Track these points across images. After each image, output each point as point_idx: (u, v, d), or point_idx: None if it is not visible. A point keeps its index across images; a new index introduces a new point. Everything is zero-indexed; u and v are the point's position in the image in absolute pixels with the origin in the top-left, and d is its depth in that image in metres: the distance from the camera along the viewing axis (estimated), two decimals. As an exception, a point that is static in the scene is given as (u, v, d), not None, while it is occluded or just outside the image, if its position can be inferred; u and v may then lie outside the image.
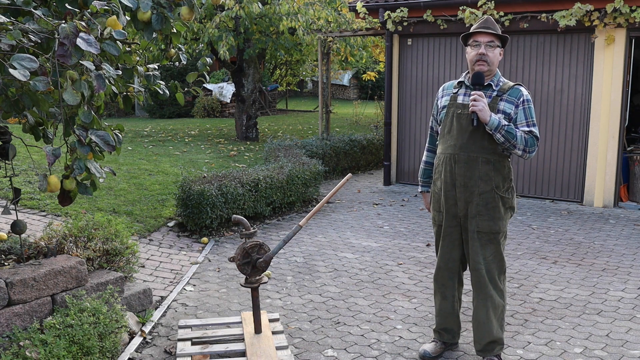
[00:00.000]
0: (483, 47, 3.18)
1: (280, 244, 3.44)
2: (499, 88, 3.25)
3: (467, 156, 3.22)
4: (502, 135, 3.12)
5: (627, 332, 3.87)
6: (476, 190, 3.23)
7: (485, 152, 3.20)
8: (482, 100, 3.10)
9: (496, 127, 3.10)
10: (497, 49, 3.20)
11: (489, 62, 3.19)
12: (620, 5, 6.80)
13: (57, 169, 6.40)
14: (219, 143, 11.66)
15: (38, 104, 2.54)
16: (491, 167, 3.21)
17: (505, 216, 3.29)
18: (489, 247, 3.27)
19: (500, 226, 3.26)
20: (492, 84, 3.25)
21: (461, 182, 3.25)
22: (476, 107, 3.10)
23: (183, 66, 16.31)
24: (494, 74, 3.27)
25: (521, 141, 3.14)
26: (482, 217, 3.23)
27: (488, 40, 3.18)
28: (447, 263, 3.44)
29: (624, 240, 5.98)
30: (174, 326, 3.95)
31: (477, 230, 3.25)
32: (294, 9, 9.71)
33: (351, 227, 6.49)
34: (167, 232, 5.90)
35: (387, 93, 8.88)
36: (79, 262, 3.49)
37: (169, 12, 2.75)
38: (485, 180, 3.21)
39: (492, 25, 3.22)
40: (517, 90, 3.23)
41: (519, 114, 3.20)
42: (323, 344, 3.70)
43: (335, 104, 22.61)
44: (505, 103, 3.21)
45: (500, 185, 3.24)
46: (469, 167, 3.22)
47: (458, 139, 3.25)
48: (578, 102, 7.57)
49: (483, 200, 3.22)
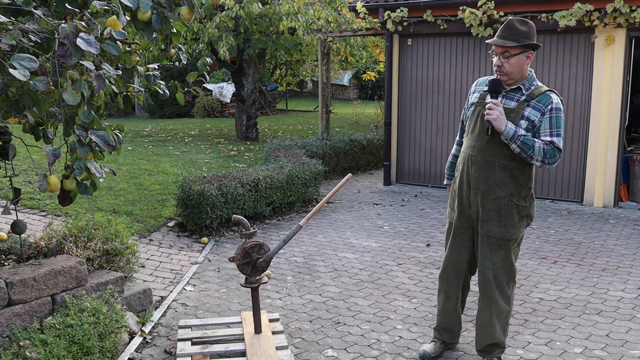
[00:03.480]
0: (496, 58, 3.08)
1: (280, 244, 3.44)
2: (529, 92, 3.10)
3: (484, 160, 3.15)
4: (517, 145, 3.01)
5: (627, 332, 3.87)
6: (490, 195, 3.15)
7: (504, 158, 3.11)
8: (498, 108, 3.00)
9: (512, 137, 3.00)
10: (515, 58, 3.03)
11: (507, 72, 3.07)
12: (620, 5, 6.80)
13: (57, 169, 6.40)
14: (219, 143, 11.66)
15: (38, 104, 2.54)
16: (508, 174, 3.12)
17: (520, 224, 3.19)
18: (499, 253, 3.21)
19: (512, 234, 3.18)
20: (522, 87, 3.12)
21: (475, 185, 3.19)
22: (490, 117, 3.00)
23: (183, 66, 16.33)
24: (525, 78, 3.12)
25: (539, 152, 3.01)
26: (493, 223, 3.17)
27: (502, 50, 3.06)
28: (455, 264, 3.41)
29: (624, 240, 5.98)
30: (174, 326, 3.95)
31: (488, 235, 3.20)
32: (294, 9, 9.70)
33: (351, 227, 6.49)
34: (167, 232, 5.90)
35: (387, 93, 8.88)
36: (79, 262, 3.49)
37: (169, 12, 2.75)
38: (501, 187, 3.13)
39: (510, 34, 3.03)
40: (546, 97, 3.07)
41: (543, 122, 3.06)
42: (323, 344, 3.70)
43: (335, 104, 22.61)
44: (531, 110, 3.08)
45: (515, 192, 3.15)
46: (485, 171, 3.15)
47: (478, 140, 3.18)
48: (578, 102, 7.57)
49: (496, 206, 3.15)
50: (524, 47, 3.05)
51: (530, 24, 3.10)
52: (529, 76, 3.15)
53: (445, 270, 3.47)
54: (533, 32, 3.09)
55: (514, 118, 3.08)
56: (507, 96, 3.15)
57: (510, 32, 3.05)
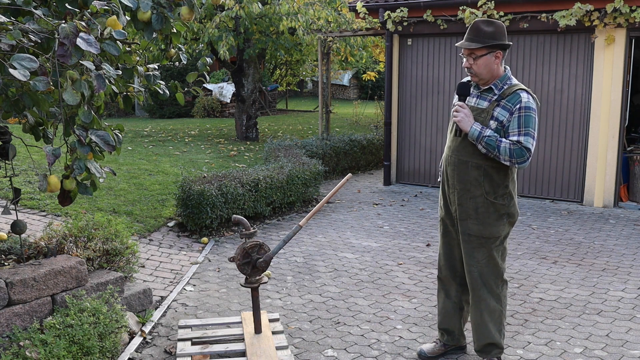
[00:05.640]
0: (465, 60, 3.13)
1: (280, 244, 3.44)
2: (502, 92, 3.12)
3: (459, 159, 3.20)
4: (482, 146, 3.07)
5: (627, 332, 3.87)
6: (466, 194, 3.20)
7: (477, 157, 3.14)
8: (463, 110, 3.09)
9: (477, 138, 3.06)
10: (482, 59, 3.05)
11: (475, 73, 3.11)
12: (620, 5, 6.80)
13: (57, 169, 6.40)
14: (219, 143, 11.66)
15: (38, 104, 2.54)
16: (482, 173, 3.14)
17: (499, 222, 3.19)
18: (481, 251, 3.23)
19: (491, 232, 3.19)
20: (494, 87, 3.14)
21: (452, 184, 3.26)
22: (456, 118, 3.09)
23: (183, 66, 16.32)
24: (498, 77, 3.13)
25: (505, 152, 3.02)
26: (472, 221, 3.21)
27: (468, 52, 3.10)
28: (449, 261, 3.44)
29: (624, 240, 5.98)
30: (174, 326, 3.95)
31: (468, 233, 3.23)
32: (294, 9, 9.70)
33: (351, 227, 6.49)
34: (167, 232, 5.90)
35: (387, 93, 8.88)
36: (79, 262, 3.49)
37: (169, 12, 2.75)
38: (475, 185, 3.17)
39: (475, 35, 3.06)
40: (516, 96, 3.07)
41: (512, 122, 3.05)
42: (323, 344, 3.70)
43: (335, 104, 22.61)
44: (500, 109, 3.09)
45: (491, 191, 3.16)
46: (460, 170, 3.20)
47: (453, 141, 3.25)
48: (578, 102, 7.57)
49: (473, 205, 3.19)
50: (490, 48, 3.06)
51: (496, 23, 3.10)
52: (503, 75, 3.15)
53: (441, 269, 3.51)
54: (500, 32, 3.08)
55: (484, 118, 3.11)
56: (481, 96, 3.20)
57: (476, 33, 3.07)
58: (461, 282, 3.46)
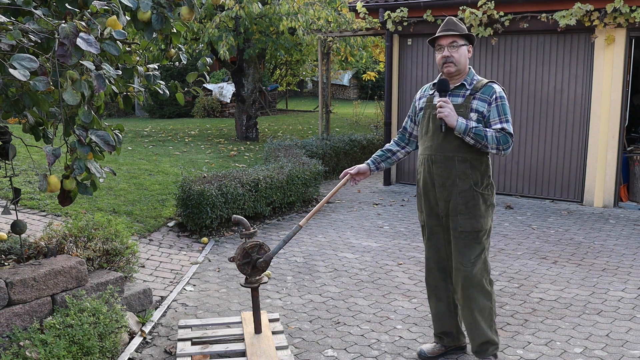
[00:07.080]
0: (446, 50, 3.21)
1: (280, 244, 3.44)
2: (473, 87, 3.25)
3: (444, 156, 3.25)
4: (471, 137, 3.14)
5: (627, 332, 3.87)
6: (454, 189, 3.24)
7: (461, 151, 3.22)
8: (448, 105, 3.14)
9: (464, 130, 3.13)
10: (462, 48, 3.21)
11: (455, 62, 3.21)
12: (620, 5, 6.80)
13: (57, 169, 6.40)
14: (219, 143, 11.66)
15: (38, 104, 2.54)
16: (468, 165, 3.23)
17: (487, 213, 3.28)
18: (473, 248, 3.25)
19: (482, 224, 3.26)
20: (465, 83, 3.26)
21: (439, 182, 3.28)
22: (442, 114, 3.14)
23: (183, 66, 16.33)
24: (467, 73, 3.28)
25: (492, 140, 3.14)
26: (463, 216, 3.24)
27: (450, 41, 3.20)
28: (438, 263, 3.44)
29: (624, 240, 5.98)
30: (174, 326, 3.95)
31: (460, 229, 3.26)
32: (294, 9, 9.70)
33: (351, 227, 6.49)
34: (167, 232, 5.90)
35: (387, 93, 8.88)
36: (79, 262, 3.49)
37: (169, 12, 2.75)
38: (463, 179, 3.23)
39: (453, 26, 3.22)
40: (489, 88, 3.22)
41: (492, 112, 3.20)
42: (323, 344, 3.70)
43: (335, 104, 22.61)
44: (478, 101, 3.21)
45: (478, 182, 3.25)
46: (447, 166, 3.25)
47: (434, 139, 3.29)
48: (578, 102, 7.57)
49: (463, 199, 3.23)
50: (467, 39, 3.25)
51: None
52: (470, 71, 3.30)
53: (429, 272, 3.48)
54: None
55: (463, 112, 3.21)
56: (453, 94, 3.28)
57: (454, 26, 3.24)
58: (451, 283, 3.46)
